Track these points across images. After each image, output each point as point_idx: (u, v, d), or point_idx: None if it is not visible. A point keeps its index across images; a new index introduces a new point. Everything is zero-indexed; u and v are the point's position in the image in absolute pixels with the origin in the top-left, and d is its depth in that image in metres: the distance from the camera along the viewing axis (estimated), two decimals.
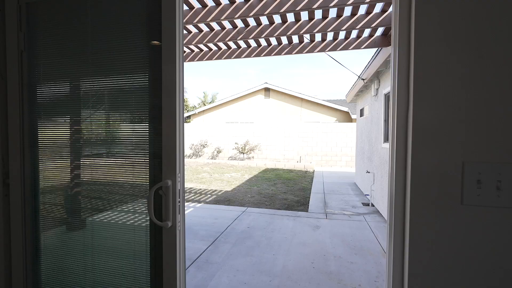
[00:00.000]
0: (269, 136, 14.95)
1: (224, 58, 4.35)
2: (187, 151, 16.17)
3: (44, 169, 1.50)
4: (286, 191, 7.67)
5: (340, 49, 3.90)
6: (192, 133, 16.14)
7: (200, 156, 15.86)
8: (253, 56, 4.20)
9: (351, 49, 3.86)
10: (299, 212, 5.47)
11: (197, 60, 4.48)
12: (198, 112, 19.66)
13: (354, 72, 5.76)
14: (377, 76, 5.67)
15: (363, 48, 3.83)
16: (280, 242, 3.86)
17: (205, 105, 25.20)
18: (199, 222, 4.72)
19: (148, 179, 1.33)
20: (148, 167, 1.33)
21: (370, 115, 6.55)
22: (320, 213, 5.39)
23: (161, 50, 1.24)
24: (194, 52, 4.51)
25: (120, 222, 1.42)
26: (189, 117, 20.82)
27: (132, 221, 1.39)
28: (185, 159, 15.12)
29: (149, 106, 1.34)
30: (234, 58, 4.29)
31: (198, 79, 68.63)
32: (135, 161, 1.37)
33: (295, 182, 9.17)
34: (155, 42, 1.28)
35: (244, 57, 4.24)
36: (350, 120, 16.51)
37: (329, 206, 5.89)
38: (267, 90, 18.20)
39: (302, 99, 17.48)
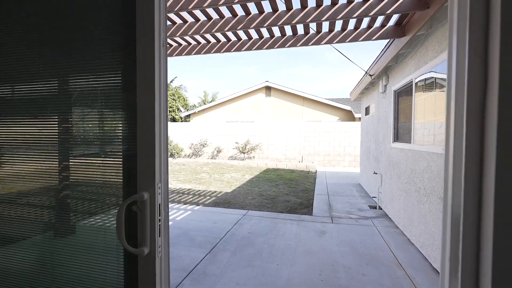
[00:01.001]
0: (270, 135, 14.65)
1: (224, 51, 4.04)
2: (187, 150, 15.88)
3: None
4: (288, 193, 7.37)
5: (349, 41, 3.59)
6: (192, 133, 15.85)
7: (200, 156, 15.57)
8: (254, 49, 3.90)
9: (361, 40, 3.56)
10: (303, 215, 5.16)
11: (194, 54, 4.18)
12: (198, 111, 19.36)
13: (360, 67, 5.45)
14: (386, 71, 5.36)
15: (374, 39, 3.52)
16: (284, 250, 3.56)
17: (205, 104, 24.88)
18: (197, 226, 4.43)
19: (121, 189, 1.04)
20: (121, 175, 1.03)
21: (377, 113, 6.24)
22: (325, 216, 5.08)
23: (136, 37, 0.96)
24: (192, 45, 4.20)
25: (83, 245, 1.11)
26: (189, 116, 20.52)
27: (99, 244, 1.09)
28: (185, 159, 14.83)
29: (123, 105, 1.04)
30: (234, 51, 3.99)
31: (199, 79, 68.35)
32: (104, 166, 1.07)
33: (297, 183, 8.87)
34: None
35: (245, 50, 3.93)
36: (353, 119, 16.19)
37: (334, 209, 5.59)
38: (268, 88, 17.89)
39: (303, 98, 17.16)
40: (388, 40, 4.04)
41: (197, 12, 3.22)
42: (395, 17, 3.30)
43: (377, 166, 6.08)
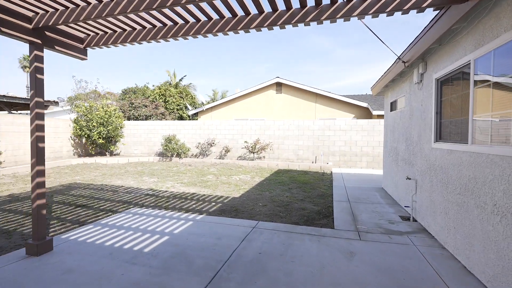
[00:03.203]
0: (281, 134, 13.80)
1: (228, 30, 3.27)
2: (194, 150, 15.23)
3: None
4: (303, 198, 6.55)
5: (390, 10, 2.75)
6: (199, 131, 15.18)
7: (207, 156, 14.90)
8: (266, 26, 3.11)
9: (406, 9, 2.71)
10: (324, 229, 4.35)
11: (182, 35, 3.42)
12: (206, 109, 18.74)
13: (393, 50, 4.54)
14: (423, 57, 4.46)
15: (425, 6, 2.67)
16: (305, 281, 2.77)
17: (214, 102, 24.16)
18: (197, 243, 3.68)
19: None
20: None
21: (409, 107, 5.34)
22: (351, 230, 4.25)
23: None
24: (172, 25, 3.45)
25: None
26: (196, 114, 19.94)
27: None
28: (191, 159, 14.17)
29: None
30: (240, 29, 3.21)
31: (207, 78, 67.87)
32: None
33: (312, 186, 8.03)
34: None
35: (254, 27, 3.15)
36: (370, 116, 15.17)
37: (360, 221, 4.74)
38: (279, 85, 17.06)
39: (316, 94, 16.25)
40: (438, 11, 3.17)
41: None
42: None
43: (409, 169, 5.19)
